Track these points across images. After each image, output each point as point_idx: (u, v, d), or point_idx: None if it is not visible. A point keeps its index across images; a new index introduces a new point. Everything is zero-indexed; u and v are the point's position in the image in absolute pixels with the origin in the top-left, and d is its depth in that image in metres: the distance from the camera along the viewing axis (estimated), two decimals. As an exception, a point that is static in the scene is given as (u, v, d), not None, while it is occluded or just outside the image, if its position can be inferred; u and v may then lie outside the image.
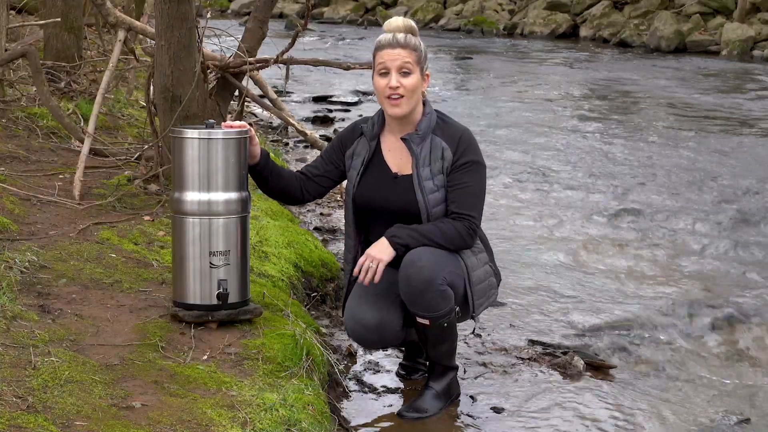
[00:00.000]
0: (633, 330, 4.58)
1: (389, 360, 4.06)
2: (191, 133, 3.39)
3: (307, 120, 10.41)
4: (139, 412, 2.78)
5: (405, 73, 3.44)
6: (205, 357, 3.24)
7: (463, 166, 3.48)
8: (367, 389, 3.78)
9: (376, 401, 3.68)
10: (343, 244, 3.81)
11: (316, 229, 5.95)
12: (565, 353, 4.18)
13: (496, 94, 13.26)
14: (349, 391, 3.74)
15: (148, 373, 3.05)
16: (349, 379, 3.85)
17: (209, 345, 3.33)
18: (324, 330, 4.16)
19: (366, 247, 3.66)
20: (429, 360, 3.63)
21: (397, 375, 3.93)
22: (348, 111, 11.33)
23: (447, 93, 13.12)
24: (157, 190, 4.95)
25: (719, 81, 15.38)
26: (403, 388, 3.82)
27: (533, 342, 4.35)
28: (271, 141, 8.69)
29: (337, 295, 4.64)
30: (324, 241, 5.67)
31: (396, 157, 3.57)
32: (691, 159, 8.80)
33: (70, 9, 7.06)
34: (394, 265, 3.52)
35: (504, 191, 7.42)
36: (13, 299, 3.38)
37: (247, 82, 5.33)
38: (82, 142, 5.23)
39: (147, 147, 5.36)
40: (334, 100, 12.17)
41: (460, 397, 3.69)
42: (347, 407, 3.59)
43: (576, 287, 5.21)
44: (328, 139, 7.21)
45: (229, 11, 30.86)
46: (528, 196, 7.35)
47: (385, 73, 3.46)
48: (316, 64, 5.63)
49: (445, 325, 3.43)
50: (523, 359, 4.16)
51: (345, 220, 3.71)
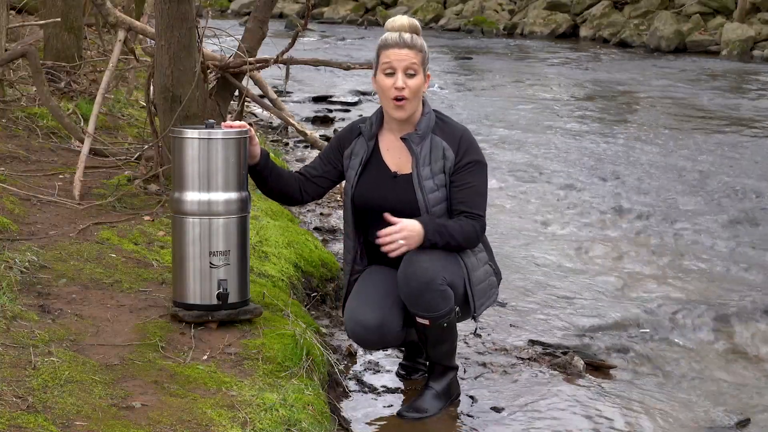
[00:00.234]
0: (633, 330, 4.58)
1: (389, 360, 4.06)
2: (191, 133, 3.39)
3: (307, 120, 10.41)
4: (139, 412, 2.78)
5: (411, 74, 3.44)
6: (205, 357, 3.24)
7: (467, 166, 3.48)
8: (367, 389, 3.78)
9: (376, 401, 3.68)
10: (342, 244, 3.81)
11: (316, 229, 5.95)
12: (565, 353, 4.18)
13: (496, 94, 13.26)
14: (349, 391, 3.74)
15: (148, 373, 3.05)
16: (349, 379, 3.85)
17: (209, 345, 3.33)
18: (324, 330, 4.16)
19: (365, 247, 3.67)
20: (429, 360, 3.63)
21: (397, 375, 3.93)
22: (348, 111, 11.33)
23: (447, 93, 13.12)
24: (157, 190, 4.95)
25: (719, 81, 15.37)
26: (403, 388, 3.82)
27: (533, 342, 4.35)
28: (271, 141, 8.69)
29: (337, 295, 4.64)
30: (324, 241, 5.67)
31: (395, 156, 3.57)
32: (691, 159, 8.80)
33: (70, 9, 7.06)
34: (394, 265, 3.52)
35: (504, 191, 7.42)
36: (13, 299, 3.38)
37: (247, 82, 5.33)
38: (82, 142, 5.23)
39: (147, 147, 5.36)
40: (334, 100, 12.16)
41: (460, 397, 3.69)
42: (347, 407, 3.59)
43: (576, 287, 5.21)
44: (328, 139, 7.20)
45: (229, 11, 30.86)
46: (528, 196, 7.35)
47: (390, 73, 3.45)
48: (316, 64, 5.63)
49: (445, 325, 3.43)
50: (523, 359, 4.16)
51: (344, 220, 3.70)
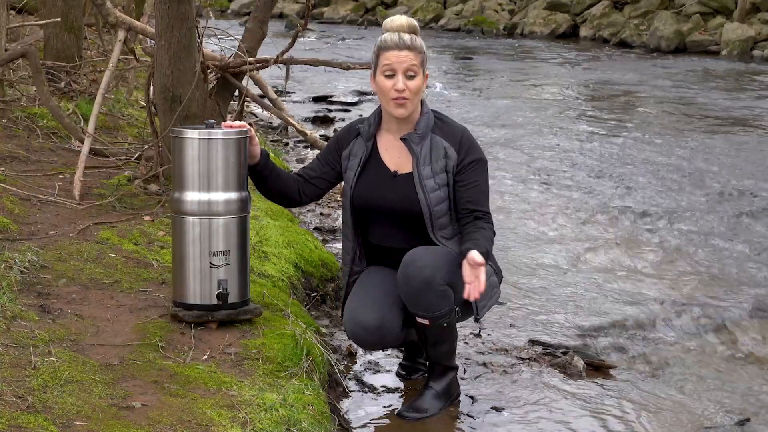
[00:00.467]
0: (633, 330, 4.58)
1: (389, 360, 4.06)
2: (191, 133, 3.39)
3: (307, 120, 10.41)
4: (139, 412, 2.78)
5: (411, 75, 3.44)
6: (205, 357, 3.24)
7: (470, 165, 3.50)
8: (367, 389, 3.78)
9: (376, 401, 3.68)
10: (341, 245, 3.81)
11: (316, 229, 5.95)
12: (565, 353, 4.18)
13: (495, 94, 13.26)
14: (349, 391, 3.74)
15: (148, 373, 3.05)
16: (349, 379, 3.85)
17: (209, 345, 3.33)
18: (324, 330, 4.16)
19: (364, 248, 3.67)
20: (429, 360, 3.63)
21: (397, 375, 3.93)
22: (348, 111, 11.33)
23: (447, 93, 13.11)
24: (157, 190, 4.95)
25: (719, 81, 15.37)
26: (403, 388, 3.82)
27: (533, 342, 4.35)
28: (271, 141, 8.69)
29: (337, 295, 4.64)
30: (324, 241, 5.68)
31: (394, 156, 3.57)
32: (691, 159, 8.80)
33: (70, 9, 7.06)
34: (394, 265, 3.52)
35: (504, 191, 7.42)
36: (13, 299, 3.38)
37: (247, 82, 5.33)
38: (82, 142, 5.23)
39: (147, 147, 5.36)
40: (334, 100, 12.16)
41: (460, 397, 3.69)
42: (347, 407, 3.59)
43: (576, 287, 5.21)
44: (327, 139, 7.20)
45: (229, 11, 30.86)
46: (527, 196, 7.35)
47: (390, 75, 3.45)
48: (316, 64, 5.63)
49: (445, 325, 3.43)
50: (523, 359, 4.16)
51: (342, 221, 3.70)
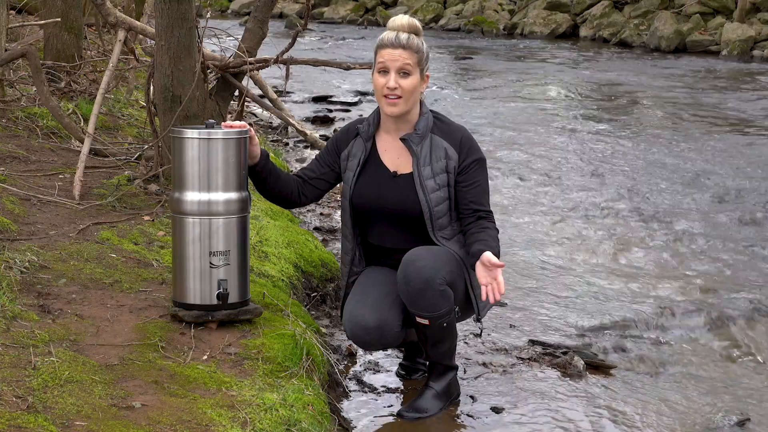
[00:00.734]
0: (633, 330, 4.58)
1: (389, 360, 4.06)
2: (191, 133, 3.39)
3: (307, 120, 10.41)
4: (139, 412, 2.78)
5: (404, 74, 3.44)
6: (205, 357, 3.24)
7: (471, 165, 3.52)
8: (367, 389, 3.78)
9: (376, 401, 3.68)
10: (340, 245, 3.81)
11: (316, 229, 5.95)
12: (565, 353, 4.18)
13: (496, 94, 13.26)
14: (349, 391, 3.74)
15: (148, 373, 3.05)
16: (349, 379, 3.85)
17: (209, 345, 3.33)
18: (324, 330, 4.16)
19: (364, 248, 3.67)
20: (429, 360, 3.63)
21: (397, 375, 3.93)
22: (348, 111, 11.32)
23: (447, 93, 13.11)
24: (157, 190, 4.95)
25: (719, 81, 15.37)
26: (403, 388, 3.82)
27: (533, 342, 4.35)
28: (271, 141, 8.69)
29: (337, 295, 4.63)
30: (324, 241, 5.68)
31: (393, 156, 3.57)
32: (690, 159, 8.80)
33: (70, 9, 7.06)
34: (393, 266, 3.52)
35: (503, 191, 7.42)
36: (13, 299, 3.38)
37: (247, 82, 5.33)
38: (82, 142, 5.23)
39: (147, 147, 5.36)
40: (334, 100, 12.15)
41: (460, 397, 3.69)
42: (347, 407, 3.59)
43: (576, 287, 5.21)
44: (327, 139, 7.21)
45: (229, 11, 30.83)
46: (527, 196, 7.35)
47: (384, 72, 3.46)
48: (316, 64, 5.63)
49: (445, 324, 3.43)
50: (523, 359, 4.16)
51: (342, 221, 3.70)
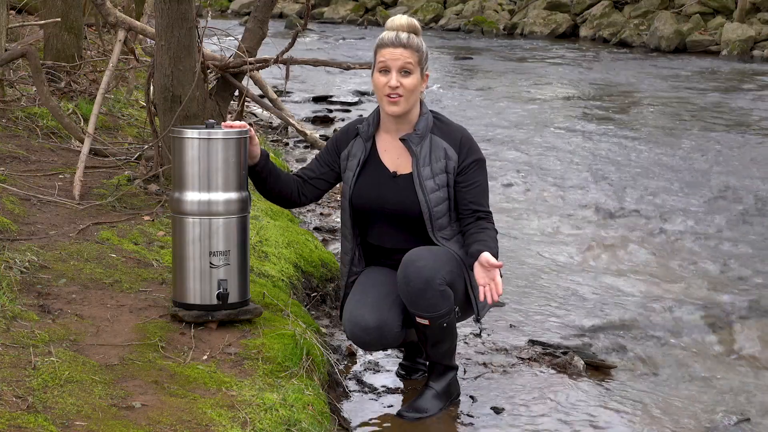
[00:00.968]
0: (633, 330, 4.58)
1: (389, 360, 4.06)
2: (191, 133, 3.39)
3: (307, 120, 10.41)
4: (139, 412, 2.78)
5: (405, 73, 3.45)
6: (205, 357, 3.24)
7: (471, 165, 3.52)
8: (367, 389, 3.78)
9: (376, 401, 3.68)
10: (340, 245, 3.81)
11: (316, 229, 5.95)
12: (565, 353, 4.18)
13: (496, 94, 13.26)
14: (349, 391, 3.74)
15: (148, 373, 3.05)
16: (349, 379, 3.85)
17: (209, 345, 3.33)
18: (324, 330, 4.16)
19: (363, 248, 3.67)
20: (429, 360, 3.63)
21: (397, 375, 3.93)
22: (348, 111, 11.32)
23: (447, 93, 13.11)
24: (157, 190, 4.95)
25: (719, 81, 15.37)
26: (403, 388, 3.82)
27: (533, 342, 4.35)
28: (271, 141, 8.69)
29: (337, 295, 4.63)
30: (324, 241, 5.68)
31: (393, 156, 3.57)
32: (690, 159, 8.80)
33: (70, 9, 7.06)
34: (393, 266, 3.52)
35: (504, 191, 7.42)
36: (13, 299, 3.38)
37: (247, 82, 5.33)
38: (82, 142, 5.23)
39: (147, 147, 5.36)
40: (334, 100, 12.16)
41: (460, 397, 3.69)
42: (347, 407, 3.59)
43: (576, 287, 5.21)
44: (327, 139, 7.21)
45: (229, 11, 30.84)
46: (527, 196, 7.35)
47: (385, 71, 3.46)
48: (316, 64, 5.63)
49: (445, 325, 3.43)
50: (523, 359, 4.16)
51: (341, 222, 3.70)
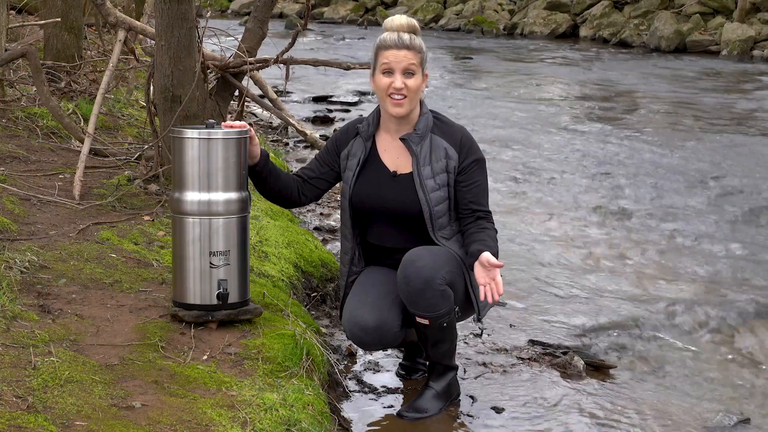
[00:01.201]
0: (633, 330, 4.58)
1: (389, 360, 4.06)
2: (191, 133, 3.39)
3: (307, 120, 10.41)
4: (139, 412, 2.78)
5: (409, 74, 3.45)
6: (205, 357, 3.24)
7: (471, 165, 3.52)
8: (367, 389, 3.78)
9: (376, 401, 3.68)
10: (340, 245, 3.81)
11: (316, 229, 5.95)
12: (565, 353, 4.18)
13: (496, 94, 13.25)
14: (349, 391, 3.74)
15: (148, 373, 3.05)
16: (349, 379, 3.85)
17: (209, 345, 3.33)
18: (324, 330, 4.16)
19: (363, 248, 3.67)
20: (429, 360, 3.63)
21: (397, 375, 3.93)
22: (348, 111, 11.32)
23: (447, 93, 13.11)
24: (157, 190, 4.95)
25: (719, 81, 15.37)
26: (403, 388, 3.82)
27: (533, 342, 4.35)
28: (271, 141, 8.69)
29: (337, 295, 4.63)
30: (324, 241, 5.68)
31: (393, 156, 3.57)
32: (691, 159, 8.80)
33: (70, 9, 7.06)
34: (392, 266, 3.52)
35: (504, 191, 7.42)
36: (13, 299, 3.38)
37: (247, 82, 5.33)
38: (82, 142, 5.23)
39: (147, 147, 5.36)
40: (334, 100, 12.15)
41: (460, 397, 3.69)
42: (347, 407, 3.59)
43: (576, 287, 5.21)
44: (327, 139, 7.20)
45: (229, 11, 30.83)
46: (528, 196, 7.35)
47: (389, 72, 3.46)
48: (316, 64, 5.63)
49: (445, 324, 3.43)
50: (523, 359, 4.16)
51: (341, 221, 3.70)
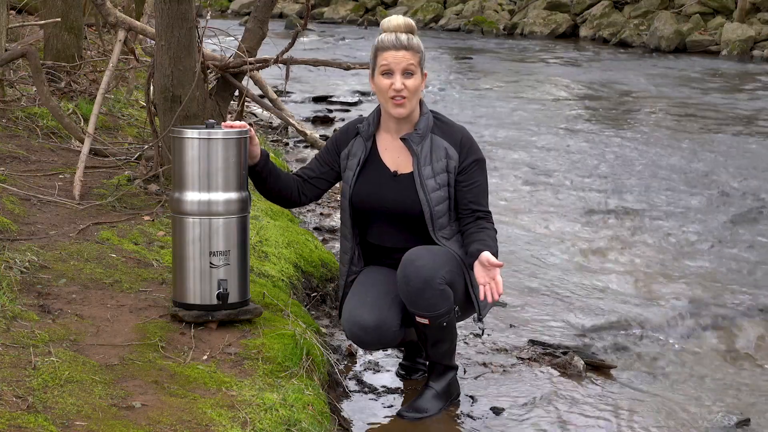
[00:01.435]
0: (633, 330, 4.58)
1: (389, 360, 4.06)
2: (191, 133, 3.39)
3: (307, 120, 10.41)
4: (139, 412, 2.78)
5: (408, 74, 3.45)
6: (205, 357, 3.24)
7: (471, 165, 3.53)
8: (367, 389, 3.78)
9: (376, 401, 3.69)
10: (339, 245, 3.81)
11: (316, 229, 5.95)
12: (565, 353, 4.18)
13: (496, 94, 13.26)
14: (349, 391, 3.74)
15: (148, 373, 3.05)
16: (349, 379, 3.85)
17: (209, 345, 3.33)
18: (324, 330, 4.16)
19: (363, 248, 3.67)
20: (429, 360, 3.63)
21: (397, 375, 3.93)
22: (348, 111, 11.33)
23: (447, 93, 13.11)
24: (157, 190, 4.95)
25: (719, 81, 15.37)
26: (403, 388, 3.82)
27: (533, 342, 4.35)
28: (271, 141, 8.69)
29: (337, 295, 4.63)
30: (324, 241, 5.68)
31: (393, 156, 3.57)
32: (690, 159, 8.80)
33: (70, 9, 7.06)
34: (392, 265, 3.52)
35: (504, 191, 7.42)
36: (13, 299, 3.38)
37: (247, 82, 5.33)
38: (82, 142, 5.23)
39: (147, 147, 5.36)
40: (334, 100, 12.16)
41: (460, 397, 3.69)
42: (347, 407, 3.60)
43: (576, 287, 5.21)
44: (328, 139, 7.20)
45: (229, 11, 30.83)
46: (528, 196, 7.35)
47: (388, 73, 3.46)
48: (316, 64, 5.63)
49: (445, 324, 3.43)
50: (523, 359, 4.16)
51: (341, 221, 3.70)
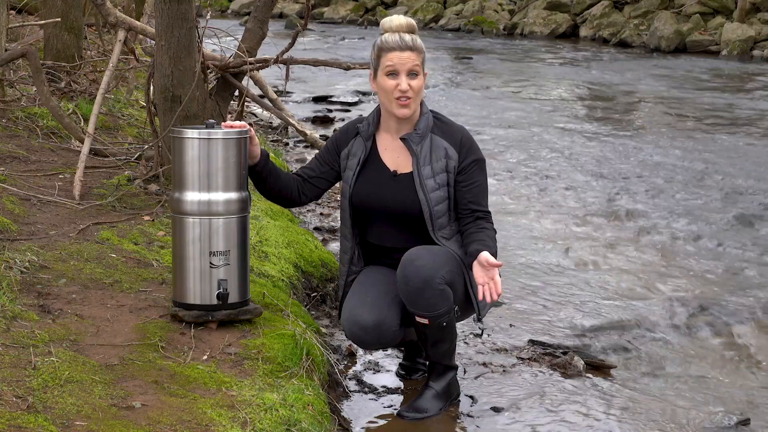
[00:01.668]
0: (633, 330, 4.58)
1: (389, 360, 4.06)
2: (191, 133, 3.39)
3: (307, 120, 10.41)
4: (139, 412, 2.78)
5: (413, 74, 3.46)
6: (205, 357, 3.24)
7: (471, 165, 3.53)
8: (367, 389, 3.78)
9: (376, 401, 3.69)
10: (339, 245, 3.81)
11: (316, 229, 5.95)
12: (565, 353, 4.18)
13: (496, 94, 13.26)
14: (349, 391, 3.74)
15: (148, 373, 3.05)
16: (349, 379, 3.85)
17: (209, 345, 3.33)
18: (324, 330, 4.16)
19: (363, 247, 3.67)
20: (429, 359, 3.63)
21: (397, 375, 3.93)
22: (348, 111, 11.33)
23: (447, 93, 13.11)
24: (157, 190, 4.95)
25: (719, 81, 15.37)
26: (403, 388, 3.82)
27: (533, 342, 4.35)
28: (271, 141, 8.69)
29: (337, 295, 4.63)
30: (324, 241, 5.68)
31: (393, 156, 3.57)
32: (690, 159, 8.80)
33: (70, 9, 7.06)
34: (392, 265, 3.53)
35: (504, 191, 7.42)
36: (13, 299, 3.38)
37: (247, 82, 5.33)
38: (82, 142, 5.23)
39: (147, 147, 5.36)
40: (334, 100, 12.16)
41: (460, 397, 3.69)
42: (347, 407, 3.60)
43: (576, 287, 5.21)
44: (327, 139, 7.20)
45: (229, 11, 30.83)
46: (528, 196, 7.35)
47: (393, 74, 3.46)
48: (316, 64, 5.62)
49: (445, 324, 3.43)
50: (523, 359, 4.16)
51: (341, 221, 3.70)
